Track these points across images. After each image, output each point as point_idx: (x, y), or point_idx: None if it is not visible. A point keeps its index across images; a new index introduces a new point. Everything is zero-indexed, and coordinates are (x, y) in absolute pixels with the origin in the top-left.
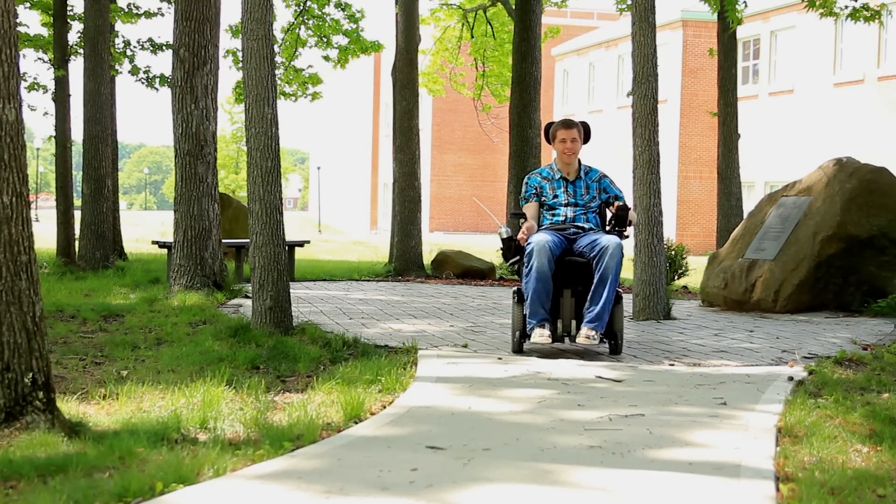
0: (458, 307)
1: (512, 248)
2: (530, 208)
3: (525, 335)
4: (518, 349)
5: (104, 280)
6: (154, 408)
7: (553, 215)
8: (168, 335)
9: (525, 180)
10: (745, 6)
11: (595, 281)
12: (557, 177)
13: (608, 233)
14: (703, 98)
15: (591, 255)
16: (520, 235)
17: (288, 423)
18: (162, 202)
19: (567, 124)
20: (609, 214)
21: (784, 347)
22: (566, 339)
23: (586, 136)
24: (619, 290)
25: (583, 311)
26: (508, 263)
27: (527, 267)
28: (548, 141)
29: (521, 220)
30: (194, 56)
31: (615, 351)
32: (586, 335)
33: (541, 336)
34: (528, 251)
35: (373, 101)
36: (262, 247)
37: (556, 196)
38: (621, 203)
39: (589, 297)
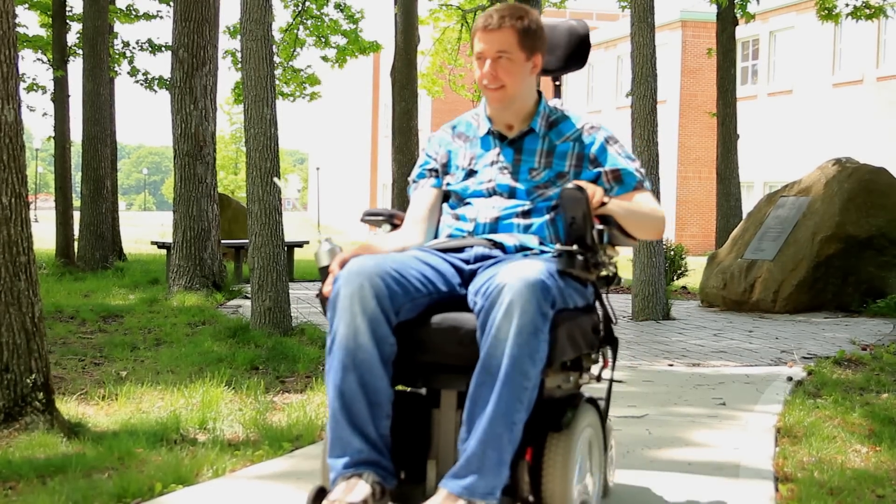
0: None
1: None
2: (418, 201)
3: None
4: None
5: (103, 281)
6: (153, 408)
7: (457, 217)
8: (167, 336)
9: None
10: (758, 3)
11: (475, 376)
12: (483, 132)
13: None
14: (702, 98)
15: (477, 311)
16: (332, 265)
17: (287, 423)
18: (161, 203)
19: (487, 23)
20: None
21: (783, 348)
22: None
23: (574, 55)
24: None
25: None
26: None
27: (329, 340)
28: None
29: (387, 228)
30: (193, 57)
31: None
32: None
33: (348, 496)
34: (330, 301)
35: (372, 102)
36: (261, 247)
37: (471, 172)
38: (571, 187)
39: (465, 414)
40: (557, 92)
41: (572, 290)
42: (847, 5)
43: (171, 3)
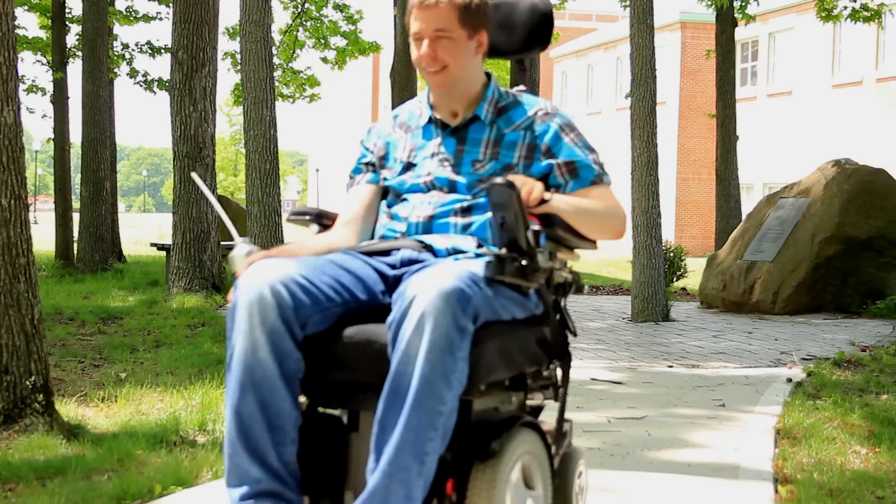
0: None
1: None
2: (353, 199)
3: None
4: None
5: (103, 282)
6: (153, 410)
7: (391, 217)
8: (167, 337)
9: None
10: (758, 4)
11: (382, 398)
12: (425, 121)
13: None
14: (702, 100)
15: (388, 323)
16: (239, 269)
17: None
18: (160, 204)
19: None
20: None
21: (783, 349)
22: None
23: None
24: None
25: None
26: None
27: (227, 355)
28: None
29: (315, 229)
30: (193, 59)
31: None
32: None
33: None
34: (228, 312)
35: (371, 103)
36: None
37: (409, 165)
38: (499, 181)
39: (373, 441)
40: (523, 77)
41: (506, 299)
42: (846, 7)
43: (171, 5)
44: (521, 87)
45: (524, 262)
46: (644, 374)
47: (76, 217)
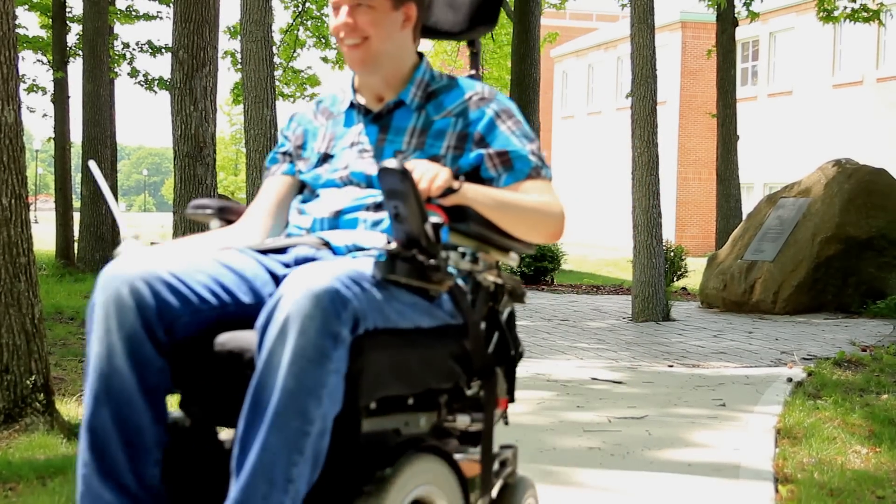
0: None
1: None
2: (265, 192)
3: None
4: None
5: None
6: None
7: (300, 213)
8: None
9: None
10: (762, 1)
11: (243, 414)
12: (346, 106)
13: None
14: (702, 99)
15: (256, 329)
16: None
17: None
18: (161, 204)
19: None
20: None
21: (783, 349)
22: None
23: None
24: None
25: None
26: None
27: (86, 362)
28: None
29: (216, 224)
30: (193, 58)
31: None
32: None
33: None
34: (87, 313)
35: None
36: None
37: (325, 157)
38: (391, 166)
39: (232, 464)
40: (475, 61)
41: (406, 305)
42: (846, 7)
43: (171, 4)
44: (471, 72)
45: (423, 261)
46: (644, 374)
47: (77, 216)
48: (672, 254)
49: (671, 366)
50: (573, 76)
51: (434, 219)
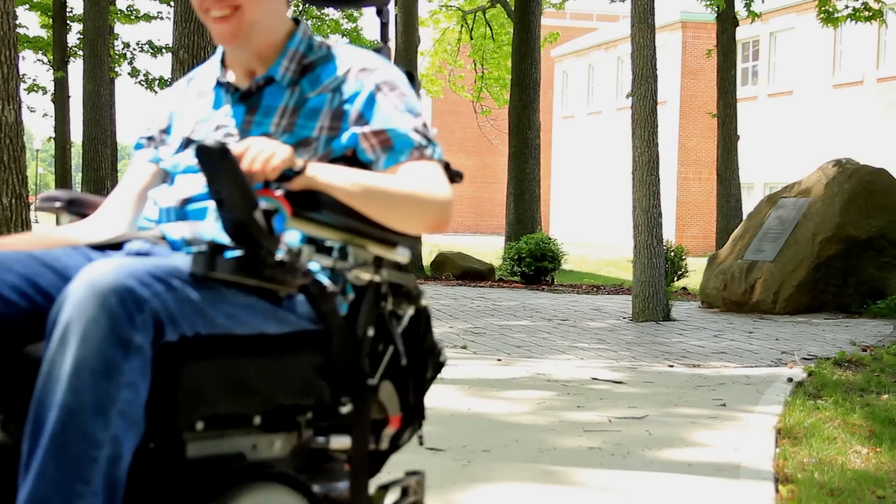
0: (458, 308)
1: None
2: (127, 181)
3: None
4: None
5: None
6: None
7: (154, 203)
8: None
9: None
10: (763, 1)
11: (25, 436)
12: (214, 83)
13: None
14: (703, 99)
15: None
16: None
17: None
18: None
19: None
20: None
21: (783, 349)
22: None
23: None
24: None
25: None
26: None
27: None
28: None
29: (67, 219)
30: (194, 58)
31: None
32: None
33: None
34: None
35: None
36: None
37: (189, 141)
38: (211, 143)
39: (18, 491)
40: (384, 33)
41: (242, 307)
42: (847, 7)
43: (172, 4)
44: (379, 45)
45: (260, 256)
46: (645, 374)
47: None
48: (672, 254)
49: (671, 366)
50: (573, 76)
51: (265, 204)
